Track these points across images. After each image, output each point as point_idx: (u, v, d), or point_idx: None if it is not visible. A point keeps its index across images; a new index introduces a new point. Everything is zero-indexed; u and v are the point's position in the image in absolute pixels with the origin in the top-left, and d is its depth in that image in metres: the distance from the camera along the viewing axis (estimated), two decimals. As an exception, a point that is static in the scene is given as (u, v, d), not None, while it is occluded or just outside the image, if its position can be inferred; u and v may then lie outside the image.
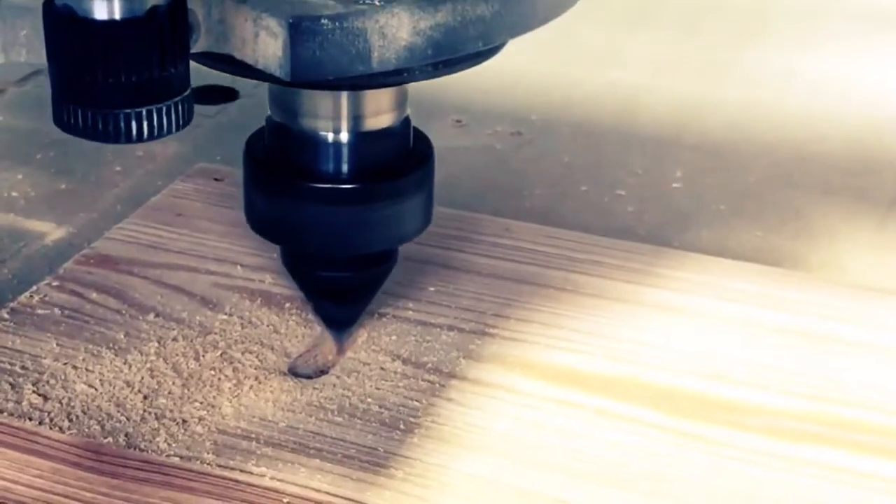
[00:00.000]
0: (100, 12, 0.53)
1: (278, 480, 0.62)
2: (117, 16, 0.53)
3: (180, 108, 0.56)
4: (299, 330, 0.73)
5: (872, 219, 0.94)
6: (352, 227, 0.67)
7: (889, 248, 0.90)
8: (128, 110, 0.55)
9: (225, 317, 0.74)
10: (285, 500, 0.62)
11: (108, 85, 0.54)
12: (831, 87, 1.14)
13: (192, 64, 0.61)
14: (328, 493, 0.62)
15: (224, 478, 0.63)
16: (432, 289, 0.77)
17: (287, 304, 0.75)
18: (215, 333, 0.73)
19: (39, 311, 0.74)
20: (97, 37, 0.53)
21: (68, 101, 0.55)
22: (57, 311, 0.74)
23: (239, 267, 0.79)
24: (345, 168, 0.66)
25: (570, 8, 0.64)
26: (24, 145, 1.01)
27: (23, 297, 0.75)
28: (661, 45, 1.23)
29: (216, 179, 0.88)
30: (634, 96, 1.12)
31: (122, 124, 0.55)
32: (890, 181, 0.99)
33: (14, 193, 0.94)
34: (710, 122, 1.08)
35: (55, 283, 0.77)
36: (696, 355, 0.72)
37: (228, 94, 1.10)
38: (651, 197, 0.96)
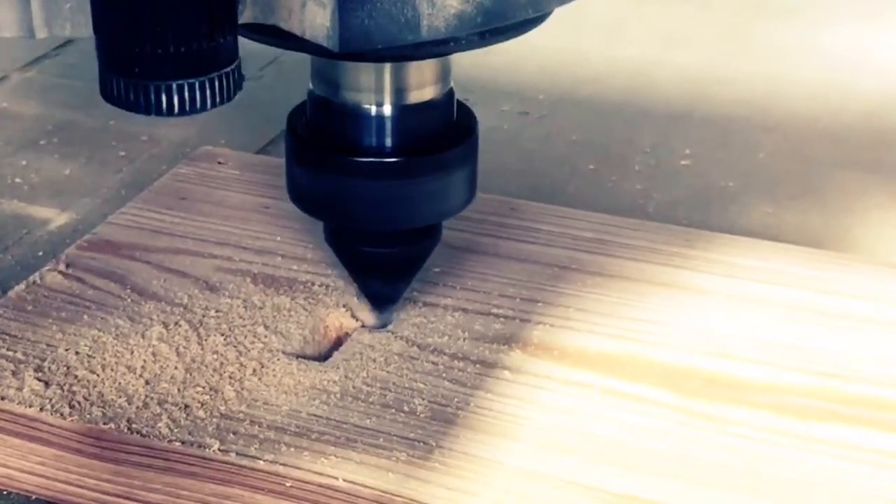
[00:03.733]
0: None
1: (281, 464, 0.62)
2: None
3: (229, 78, 0.55)
4: (302, 312, 0.73)
5: (886, 193, 0.93)
6: (396, 202, 0.66)
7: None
8: (177, 82, 0.54)
9: (227, 300, 0.74)
10: (288, 484, 0.61)
11: (156, 56, 0.53)
12: (844, 61, 1.13)
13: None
14: (330, 477, 0.61)
15: (226, 462, 0.62)
16: (437, 269, 0.77)
17: (290, 287, 0.75)
18: (218, 317, 0.72)
19: (41, 297, 0.74)
20: (145, 7, 0.52)
21: (116, 74, 0.54)
22: (59, 296, 0.74)
23: (241, 250, 0.78)
24: (388, 142, 0.65)
25: None
26: (28, 131, 1.00)
27: (24, 283, 0.75)
28: (671, 19, 1.22)
29: (219, 163, 0.87)
30: (643, 73, 1.11)
31: (172, 96, 0.54)
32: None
33: (18, 180, 0.94)
34: (719, 97, 1.07)
35: (57, 269, 0.76)
36: (703, 333, 0.71)
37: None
38: (660, 174, 0.95)
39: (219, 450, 0.63)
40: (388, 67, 0.64)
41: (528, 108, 1.06)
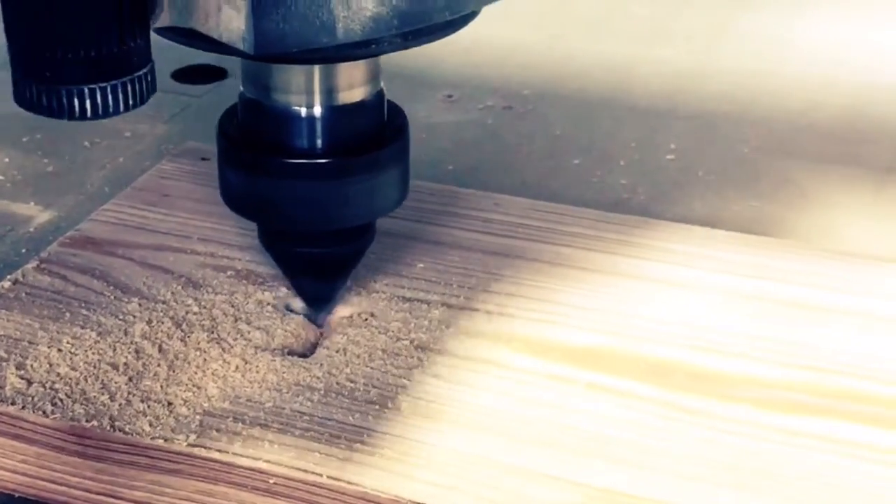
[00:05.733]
0: None
1: (265, 461, 0.62)
2: None
3: (140, 83, 0.56)
4: (285, 309, 0.72)
5: (868, 187, 0.93)
6: (328, 202, 0.66)
7: (884, 216, 0.89)
8: (88, 86, 0.54)
9: (211, 297, 0.73)
10: (271, 482, 0.61)
11: (67, 60, 0.54)
12: (827, 54, 1.13)
13: (178, 45, 0.60)
14: (314, 474, 0.61)
15: (210, 459, 0.62)
16: (421, 265, 0.76)
17: (274, 283, 0.74)
18: (201, 314, 0.72)
19: (23, 295, 0.73)
20: (55, 12, 0.53)
21: (28, 78, 0.55)
22: (41, 293, 0.74)
23: (224, 246, 0.78)
24: (320, 143, 0.66)
25: None
26: (11, 128, 1.00)
27: (6, 281, 0.75)
28: (656, 14, 1.22)
29: (203, 159, 0.87)
30: (627, 67, 1.11)
31: (83, 100, 0.55)
32: (886, 149, 0.98)
33: (0, 177, 0.93)
34: (703, 92, 1.07)
35: (39, 266, 0.76)
36: (688, 327, 0.71)
37: (217, 74, 1.09)
38: (644, 169, 0.95)
39: (202, 447, 0.62)
40: (317, 69, 0.64)
41: (512, 103, 1.05)
